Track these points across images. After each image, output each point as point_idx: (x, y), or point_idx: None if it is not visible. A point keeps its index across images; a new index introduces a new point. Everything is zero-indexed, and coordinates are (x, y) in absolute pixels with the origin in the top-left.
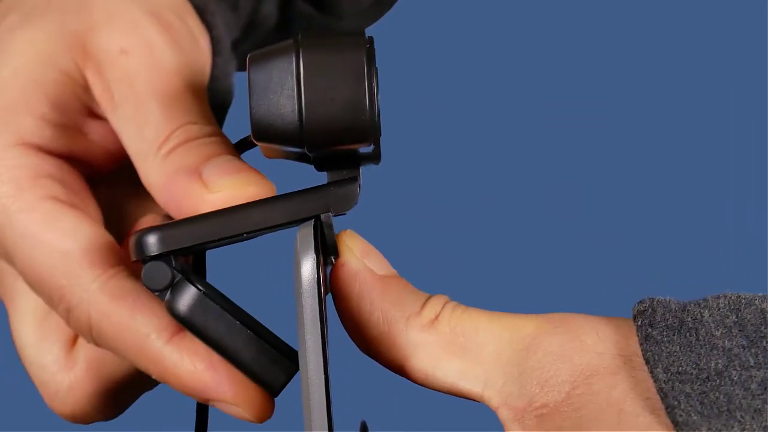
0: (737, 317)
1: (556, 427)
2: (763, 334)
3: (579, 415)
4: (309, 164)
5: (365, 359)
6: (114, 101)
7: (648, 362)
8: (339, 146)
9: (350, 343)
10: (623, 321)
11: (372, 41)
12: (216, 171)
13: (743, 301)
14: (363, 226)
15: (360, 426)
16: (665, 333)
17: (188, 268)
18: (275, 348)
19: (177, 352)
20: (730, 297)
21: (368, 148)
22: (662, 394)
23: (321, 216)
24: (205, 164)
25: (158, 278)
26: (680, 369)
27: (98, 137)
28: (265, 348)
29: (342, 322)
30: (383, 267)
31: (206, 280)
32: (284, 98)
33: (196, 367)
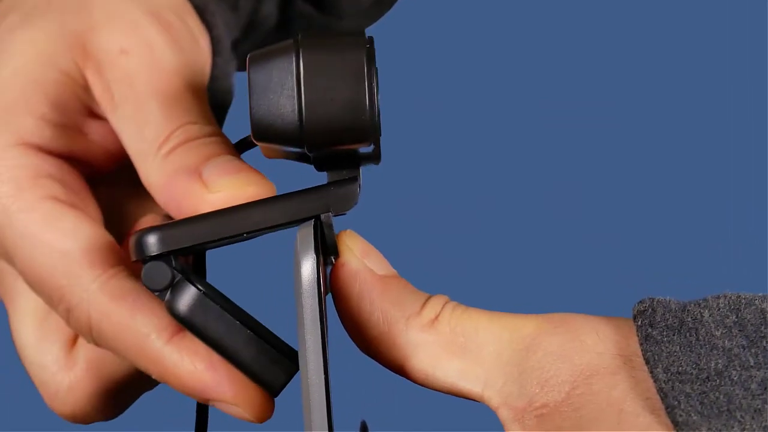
0: (737, 317)
1: (556, 427)
2: (763, 334)
3: (579, 415)
4: (309, 164)
5: (365, 359)
6: (114, 101)
7: (648, 362)
8: (339, 146)
9: (350, 343)
10: (623, 321)
11: (372, 41)
12: (216, 171)
13: (743, 301)
14: (363, 226)
15: (360, 426)
16: (665, 333)
17: (188, 268)
18: (275, 348)
19: (177, 352)
20: (730, 297)
21: (368, 148)
22: (662, 394)
23: (321, 216)
24: (205, 164)
25: (158, 278)
26: (680, 369)
27: (98, 137)
28: (265, 348)
29: (342, 322)
30: (383, 267)
31: (206, 280)
32: (284, 98)
33: (196, 367)
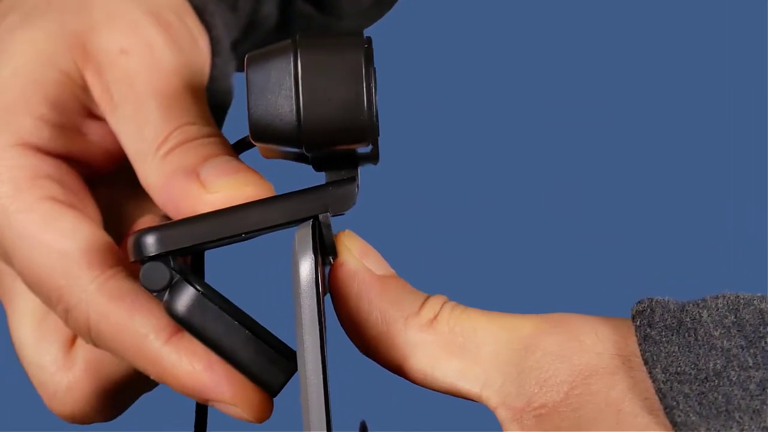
0: (736, 317)
1: (555, 427)
2: (762, 335)
3: (578, 416)
4: (307, 164)
5: (365, 359)
6: (113, 102)
7: (646, 362)
8: (337, 146)
9: (349, 344)
10: (622, 321)
11: (370, 41)
12: (214, 171)
13: (742, 302)
14: (361, 227)
15: (360, 426)
16: (664, 333)
17: (186, 269)
18: (274, 348)
19: (175, 353)
20: (729, 297)
21: (366, 148)
22: (661, 395)
23: (319, 216)
24: (203, 165)
25: (156, 278)
26: (679, 369)
27: (97, 138)
28: (264, 348)
29: (340, 322)
30: (382, 267)
31: (205, 281)
32: (282, 98)
33: (195, 368)
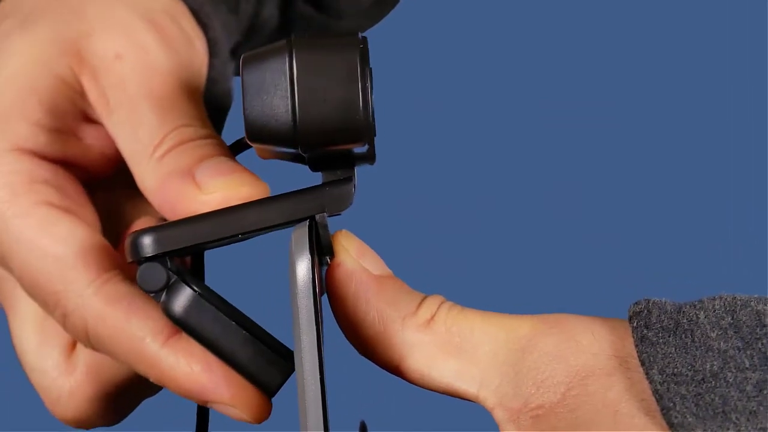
0: (733, 319)
1: (552, 428)
2: (759, 336)
3: (574, 416)
4: (304, 165)
5: (362, 359)
6: (109, 106)
7: (643, 363)
8: (333, 146)
9: (347, 344)
10: (619, 322)
11: (366, 41)
12: (209, 172)
13: (739, 303)
14: (358, 227)
15: (359, 426)
16: (661, 334)
17: (184, 269)
18: (271, 348)
19: (173, 355)
20: (726, 298)
21: (363, 149)
22: (658, 396)
23: (316, 216)
24: (198, 166)
25: (153, 279)
26: (675, 370)
27: (94, 142)
28: (261, 349)
29: (338, 323)
30: (379, 267)
31: (204, 281)
32: (278, 99)
33: (193, 369)
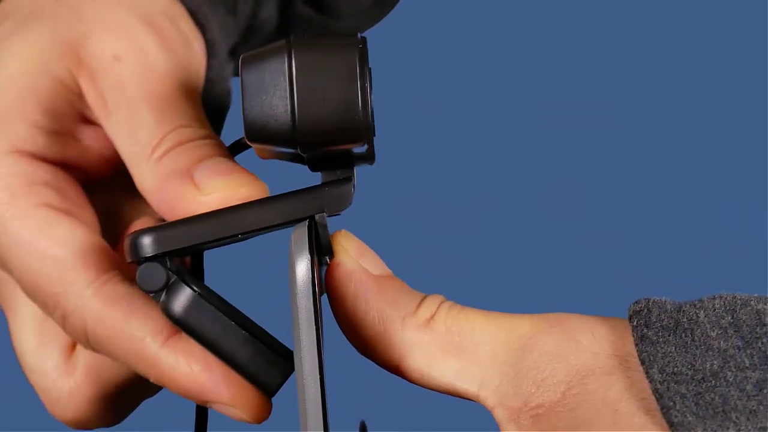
0: (733, 318)
1: (552, 427)
2: (759, 335)
3: (574, 416)
4: (303, 165)
5: (362, 359)
6: (107, 108)
7: (643, 363)
8: (332, 146)
9: (347, 344)
10: (619, 321)
11: (365, 41)
12: (207, 173)
13: (739, 302)
14: (357, 227)
15: (359, 426)
16: (661, 333)
17: (183, 269)
18: (271, 348)
19: (173, 355)
20: (726, 298)
21: (362, 148)
22: (657, 395)
23: (315, 216)
24: (197, 167)
25: (153, 279)
26: (675, 370)
27: (93, 143)
28: (261, 349)
29: (338, 323)
30: (378, 267)
31: (203, 282)
32: (277, 99)
33: (192, 369)
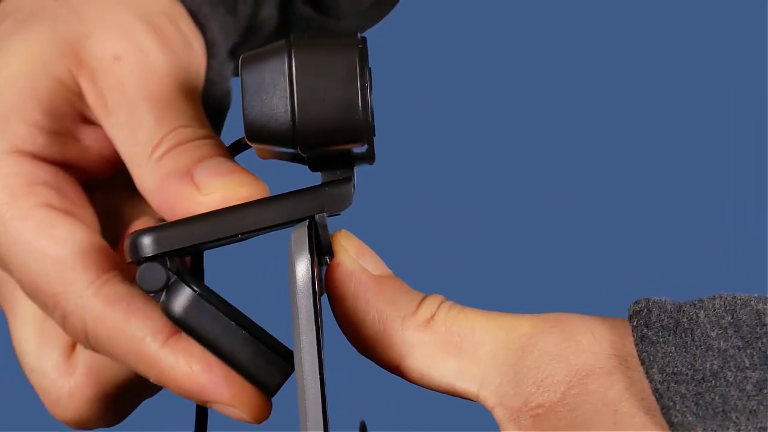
0: (733, 318)
1: (552, 427)
2: (759, 335)
3: (574, 416)
4: (303, 165)
5: (363, 359)
6: (107, 108)
7: (643, 363)
8: (332, 146)
9: (347, 344)
10: (619, 321)
11: (365, 41)
12: (207, 173)
13: (739, 302)
14: (357, 227)
15: (359, 426)
16: (660, 333)
17: (183, 269)
18: (271, 348)
19: (173, 355)
20: (726, 298)
21: (362, 148)
22: (657, 395)
23: (315, 216)
24: (197, 167)
25: (153, 279)
26: (675, 370)
27: (93, 143)
28: (261, 349)
29: (338, 323)
30: (378, 267)
31: (203, 282)
32: (277, 99)
33: (192, 369)
